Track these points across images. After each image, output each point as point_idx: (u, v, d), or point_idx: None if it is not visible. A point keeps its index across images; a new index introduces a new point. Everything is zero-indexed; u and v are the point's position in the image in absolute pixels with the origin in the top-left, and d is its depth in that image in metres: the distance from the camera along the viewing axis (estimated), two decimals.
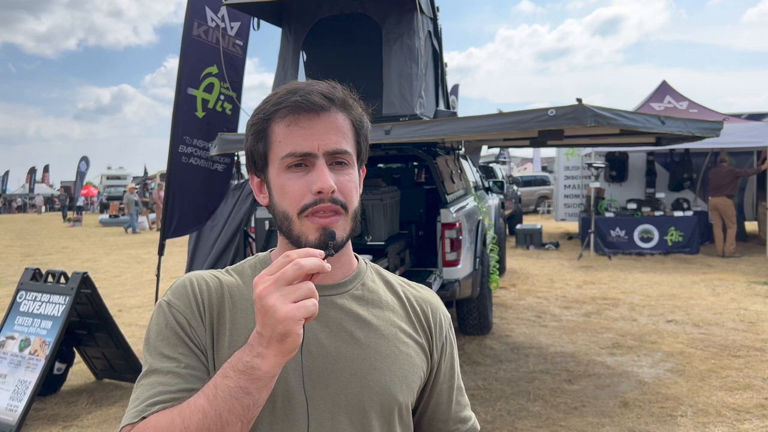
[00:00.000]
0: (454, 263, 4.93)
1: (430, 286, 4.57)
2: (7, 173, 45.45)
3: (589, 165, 11.53)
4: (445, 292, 4.87)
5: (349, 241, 1.03)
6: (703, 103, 11.67)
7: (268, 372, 0.79)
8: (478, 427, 1.16)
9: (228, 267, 1.05)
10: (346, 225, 0.94)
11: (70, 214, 27.29)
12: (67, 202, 28.03)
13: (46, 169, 45.63)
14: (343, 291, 1.01)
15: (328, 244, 0.90)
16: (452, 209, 5.00)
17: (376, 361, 0.97)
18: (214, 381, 0.82)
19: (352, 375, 0.95)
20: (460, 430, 1.12)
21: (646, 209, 11.32)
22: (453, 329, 1.14)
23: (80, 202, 27.40)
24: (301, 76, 5.34)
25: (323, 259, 0.81)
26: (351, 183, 0.95)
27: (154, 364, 0.91)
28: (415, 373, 1.01)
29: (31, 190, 40.74)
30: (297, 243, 0.93)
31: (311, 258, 0.78)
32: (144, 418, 0.85)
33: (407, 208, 5.52)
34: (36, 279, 4.54)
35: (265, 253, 1.08)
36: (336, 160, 0.94)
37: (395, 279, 1.11)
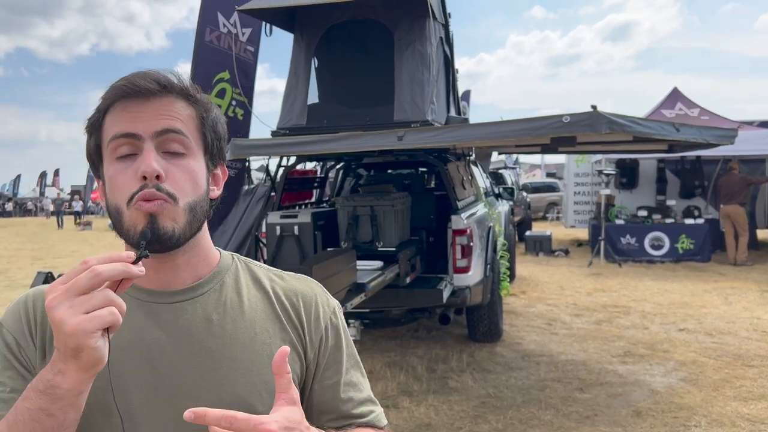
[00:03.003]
0: (464, 270, 4.91)
1: (441, 293, 4.55)
2: (18, 177, 45.89)
3: (600, 172, 11.48)
4: (456, 298, 4.85)
5: (207, 239, 0.96)
6: (714, 110, 11.61)
7: (69, 390, 0.72)
8: (382, 422, 1.03)
9: None
10: (176, 216, 0.85)
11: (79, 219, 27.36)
12: (63, 208, 27.01)
13: (56, 173, 45.97)
14: (197, 294, 0.93)
15: (140, 244, 0.80)
16: (463, 216, 4.98)
17: (230, 370, 0.90)
18: (16, 405, 0.75)
19: (202, 388, 0.88)
20: (351, 425, 1.01)
21: (656, 216, 11.25)
22: (339, 318, 1.03)
23: (77, 207, 26.94)
24: (313, 82, 5.36)
25: (135, 262, 0.73)
26: (185, 173, 0.86)
27: None
28: None
29: (42, 194, 41.07)
30: (127, 237, 0.85)
31: (112, 264, 0.70)
32: None
33: (418, 214, 5.51)
34: (47, 282, 4.56)
35: None
36: (168, 149, 0.86)
37: (265, 272, 1.03)
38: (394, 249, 4.68)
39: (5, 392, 0.83)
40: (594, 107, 3.26)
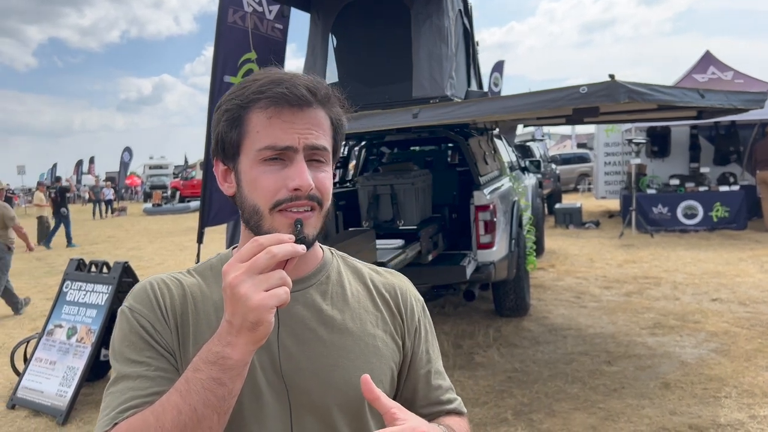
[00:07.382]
0: (488, 246, 4.88)
1: (464, 269, 4.55)
2: (55, 165, 46.88)
3: (630, 141, 11.24)
4: (480, 274, 4.83)
5: None
6: (751, 73, 11.21)
7: (239, 360, 0.78)
8: (464, 410, 1.11)
9: (190, 267, 1.03)
10: (317, 222, 0.92)
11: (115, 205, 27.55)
12: (102, 196, 25.93)
13: (92, 160, 46.84)
14: (306, 286, 1.00)
15: (297, 229, 0.87)
16: (486, 191, 4.94)
17: (340, 358, 0.96)
18: (186, 376, 0.80)
19: (314, 374, 0.94)
20: (441, 412, 1.08)
21: (689, 185, 10.99)
22: (426, 312, 1.12)
23: (109, 195, 25.86)
24: (331, 61, 5.33)
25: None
26: (327, 180, 0.93)
27: (123, 370, 0.89)
28: (384, 364, 1.00)
29: (79, 181, 41.93)
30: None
31: (284, 245, 0.77)
32: (116, 424, 0.83)
33: (440, 191, 5.48)
34: (80, 269, 4.69)
35: (227, 250, 1.06)
36: (314, 157, 0.91)
37: (363, 267, 1.10)
38: (415, 227, 4.67)
39: (150, 370, 0.88)
40: (612, 76, 3.17)
